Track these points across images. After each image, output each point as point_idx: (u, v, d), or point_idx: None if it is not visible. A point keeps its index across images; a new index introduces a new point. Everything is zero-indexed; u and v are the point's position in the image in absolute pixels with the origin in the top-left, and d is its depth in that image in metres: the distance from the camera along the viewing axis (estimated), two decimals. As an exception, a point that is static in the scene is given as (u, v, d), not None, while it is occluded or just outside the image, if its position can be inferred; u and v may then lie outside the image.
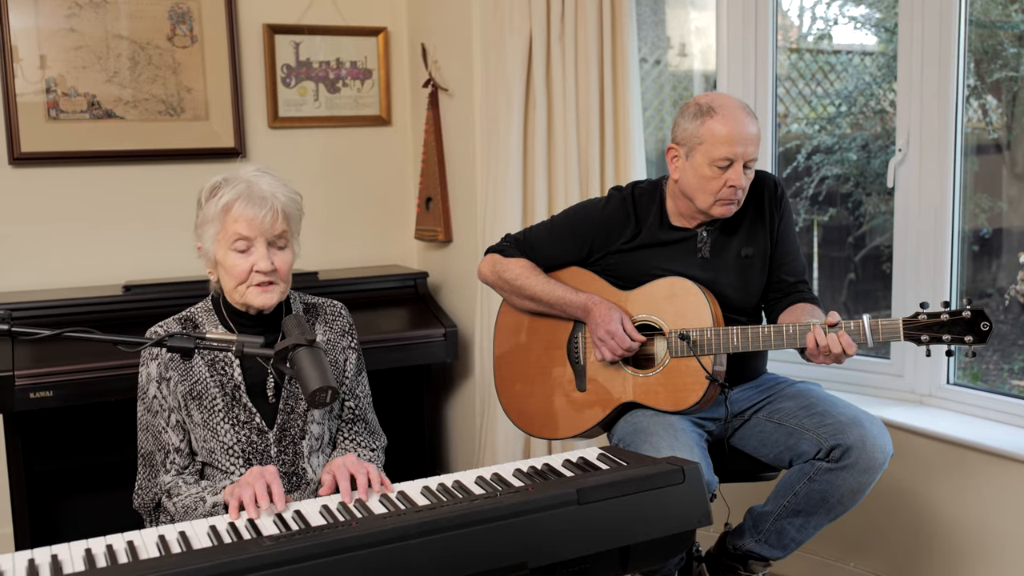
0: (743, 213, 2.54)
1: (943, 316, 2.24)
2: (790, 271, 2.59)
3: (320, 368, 1.74)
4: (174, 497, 2.03)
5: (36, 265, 3.56)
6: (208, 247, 2.06)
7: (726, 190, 2.40)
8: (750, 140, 2.39)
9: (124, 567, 1.45)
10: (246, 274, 2.02)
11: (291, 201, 2.07)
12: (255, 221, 2.00)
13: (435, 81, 3.84)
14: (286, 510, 1.78)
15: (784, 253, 2.59)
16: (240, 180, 2.04)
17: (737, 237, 2.55)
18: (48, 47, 3.49)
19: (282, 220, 2.04)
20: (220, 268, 2.06)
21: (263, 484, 1.81)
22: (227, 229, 2.01)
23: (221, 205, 2.01)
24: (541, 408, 2.64)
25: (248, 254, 2.02)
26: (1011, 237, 3.19)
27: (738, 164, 2.39)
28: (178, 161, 3.73)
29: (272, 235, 2.03)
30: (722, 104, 2.41)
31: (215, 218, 2.02)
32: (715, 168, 2.39)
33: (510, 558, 1.56)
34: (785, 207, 2.59)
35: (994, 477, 2.73)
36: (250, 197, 2.01)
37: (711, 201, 2.43)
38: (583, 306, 2.52)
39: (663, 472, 1.73)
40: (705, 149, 2.40)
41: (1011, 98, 3.17)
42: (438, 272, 4.00)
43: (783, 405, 2.50)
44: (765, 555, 2.50)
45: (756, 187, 2.55)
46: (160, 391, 2.08)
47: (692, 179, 2.44)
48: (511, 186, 3.42)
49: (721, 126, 2.38)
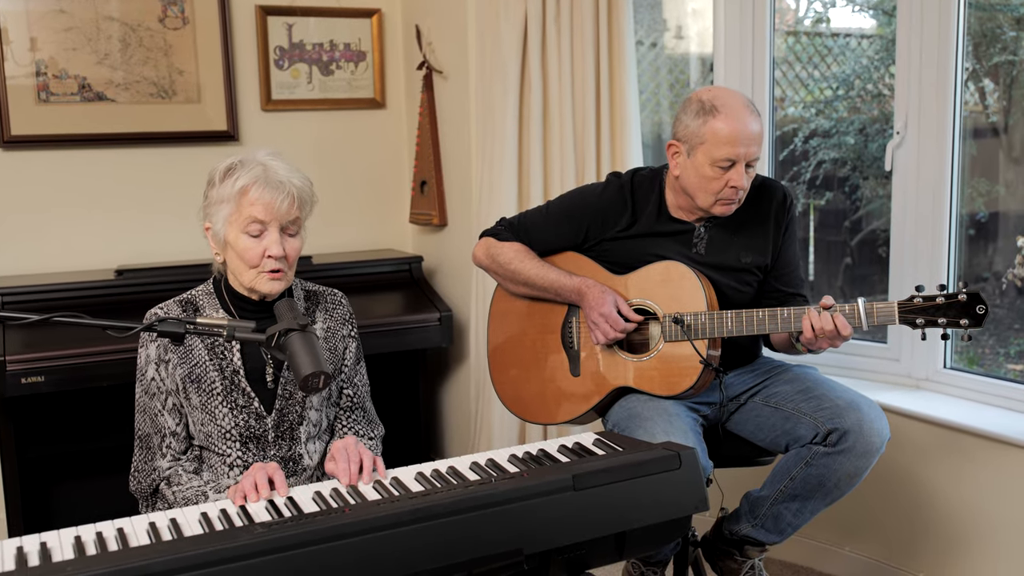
0: (746, 217, 2.51)
1: (939, 299, 2.22)
2: (788, 282, 2.57)
3: (312, 353, 1.72)
4: (173, 486, 2.01)
5: (27, 249, 3.54)
6: (218, 228, 2.04)
7: (727, 190, 2.37)
8: (753, 140, 2.35)
9: (114, 555, 1.43)
10: (258, 259, 2.01)
11: (305, 187, 2.07)
12: (272, 205, 1.99)
13: (429, 63, 3.81)
14: (278, 497, 1.77)
15: (785, 264, 2.57)
16: (256, 163, 2.03)
17: (737, 240, 2.51)
18: (38, 29, 3.45)
19: (297, 206, 2.03)
20: (229, 250, 2.05)
21: (264, 474, 1.80)
22: (242, 212, 2.00)
23: (238, 187, 2.00)
24: (535, 393, 2.63)
25: (260, 238, 2.01)
26: (1007, 221, 3.17)
27: (740, 165, 2.35)
28: (170, 144, 3.70)
29: (286, 220, 2.02)
30: (725, 103, 2.36)
31: (230, 199, 2.01)
32: (716, 168, 2.36)
33: (505, 544, 1.55)
34: (792, 221, 2.56)
35: (990, 461, 2.73)
36: (267, 181, 2.00)
37: (712, 201, 2.41)
38: (577, 289, 2.50)
39: (659, 458, 1.71)
40: (707, 149, 2.36)
41: (1009, 82, 3.14)
42: (433, 256, 3.98)
43: (779, 389, 2.48)
44: (761, 540, 2.49)
45: (765, 195, 2.53)
46: (159, 373, 2.06)
47: (693, 178, 2.41)
48: (506, 170, 3.40)
49: (724, 126, 2.34)
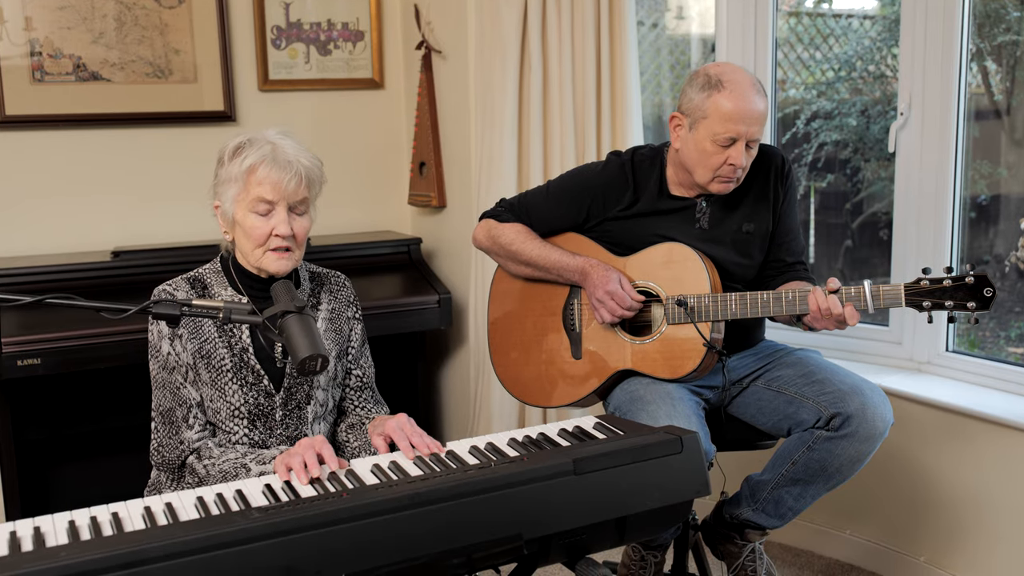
0: (747, 188, 2.48)
1: (946, 282, 2.20)
2: (789, 250, 2.55)
3: (309, 335, 1.70)
4: (204, 460, 2.00)
5: (23, 231, 3.51)
6: (227, 207, 2.05)
7: (726, 167, 2.35)
8: (756, 119, 2.32)
9: (108, 539, 1.41)
10: (265, 237, 2.01)
11: (314, 167, 2.06)
12: (279, 184, 1.99)
13: (428, 43, 3.77)
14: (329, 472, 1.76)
15: (785, 231, 2.54)
16: (265, 141, 2.03)
17: (738, 211, 2.49)
18: (33, 8, 3.41)
19: (305, 186, 2.03)
20: (238, 229, 2.05)
21: (312, 453, 1.78)
22: (250, 191, 2.00)
23: (246, 166, 2.00)
24: (536, 376, 2.61)
25: (268, 217, 2.01)
26: (1009, 204, 3.15)
27: (741, 143, 2.32)
28: (167, 125, 3.66)
29: (294, 200, 2.02)
30: (731, 79, 2.33)
31: (238, 178, 2.01)
32: (716, 144, 2.33)
33: (504, 529, 1.53)
34: (791, 185, 2.54)
35: (991, 444, 2.71)
36: (275, 160, 2.00)
37: (709, 177, 2.38)
38: (580, 269, 2.47)
39: (661, 442, 1.69)
40: (709, 124, 2.33)
41: (1013, 63, 3.11)
42: (432, 238, 3.95)
43: (782, 373, 2.46)
44: (762, 524, 2.48)
45: (762, 163, 2.50)
46: (173, 348, 2.05)
47: (693, 152, 2.38)
48: (506, 151, 3.37)
49: (728, 102, 2.30)
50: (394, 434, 1.93)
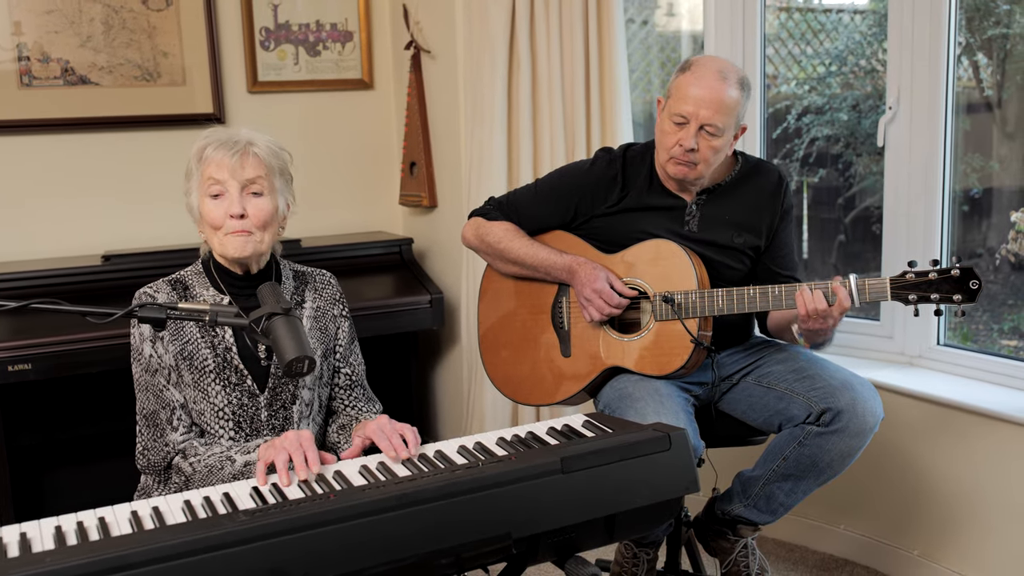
0: (740, 197, 2.48)
1: (931, 275, 2.20)
2: (782, 265, 2.55)
3: (296, 337, 1.69)
4: (190, 457, 1.99)
5: (12, 235, 3.50)
6: (192, 201, 2.06)
7: (676, 148, 2.35)
8: (711, 104, 2.31)
9: (95, 544, 1.41)
10: (221, 220, 2.01)
11: (271, 152, 2.06)
12: (224, 161, 1.99)
13: (417, 43, 3.77)
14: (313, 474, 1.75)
15: (780, 246, 2.54)
16: (222, 130, 2.06)
17: (730, 221, 2.48)
18: (20, 12, 3.40)
19: (255, 164, 2.02)
20: (202, 220, 2.05)
21: (300, 453, 1.76)
22: (203, 175, 2.02)
23: (197, 150, 2.03)
24: (527, 374, 2.61)
25: (222, 199, 2.01)
26: (1001, 197, 3.15)
27: (692, 125, 2.33)
28: (156, 128, 3.66)
29: (243, 178, 2.00)
30: (702, 64, 2.36)
31: (195, 168, 2.04)
32: (672, 123, 2.36)
33: (493, 529, 1.53)
34: (788, 205, 2.54)
35: (984, 438, 2.71)
36: (222, 141, 2.02)
37: (665, 157, 2.40)
38: (567, 267, 2.47)
39: (649, 439, 1.69)
40: (671, 103, 2.38)
41: (1003, 56, 3.11)
42: (423, 238, 3.95)
43: (772, 368, 2.47)
44: (754, 520, 2.48)
45: (759, 178, 2.51)
46: (155, 350, 2.05)
47: (657, 131, 2.43)
48: (496, 150, 3.37)
49: (688, 83, 2.34)
50: (374, 436, 1.92)
